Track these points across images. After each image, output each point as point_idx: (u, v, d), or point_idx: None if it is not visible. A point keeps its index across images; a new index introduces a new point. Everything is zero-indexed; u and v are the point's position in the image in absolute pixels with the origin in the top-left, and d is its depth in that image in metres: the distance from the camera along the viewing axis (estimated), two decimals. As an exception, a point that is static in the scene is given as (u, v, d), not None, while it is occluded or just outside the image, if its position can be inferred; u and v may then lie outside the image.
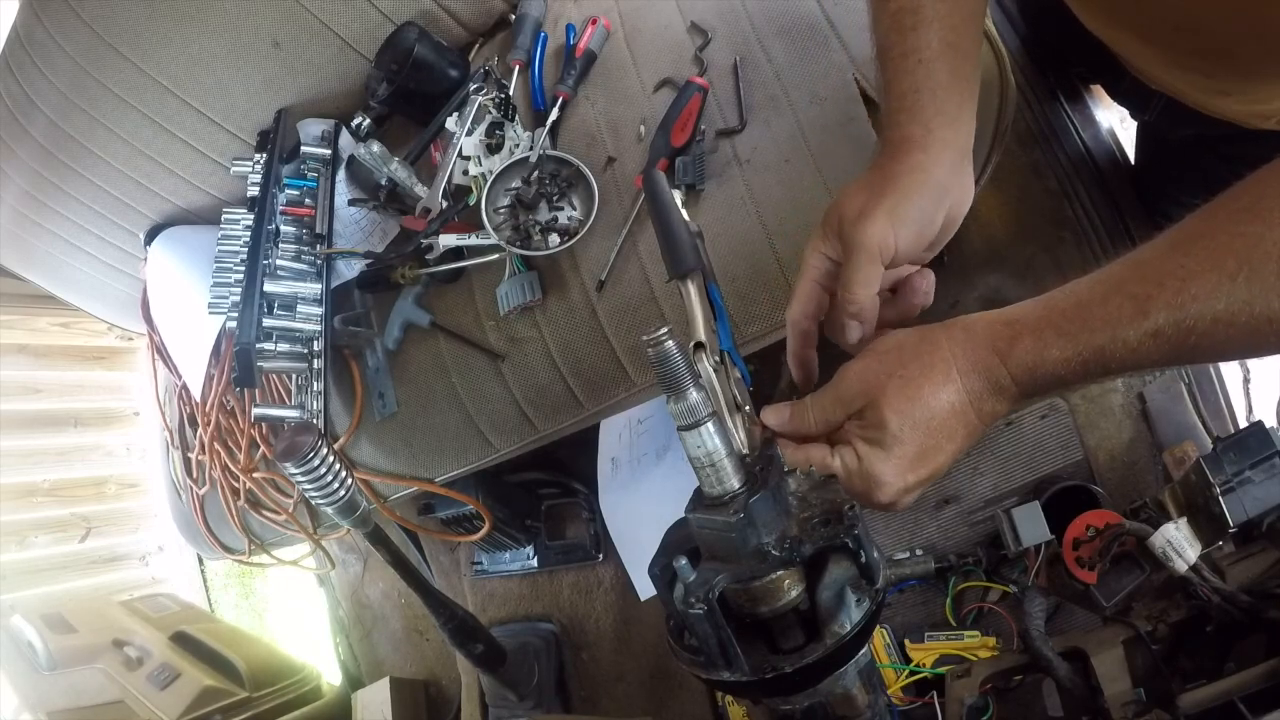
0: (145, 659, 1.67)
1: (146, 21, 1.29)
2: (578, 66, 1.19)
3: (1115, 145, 1.24)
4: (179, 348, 1.55)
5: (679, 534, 0.62)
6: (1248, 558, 0.82)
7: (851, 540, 0.56)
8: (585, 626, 1.59)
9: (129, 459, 2.58)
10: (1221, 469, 0.78)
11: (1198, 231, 0.48)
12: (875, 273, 0.59)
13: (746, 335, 1.05)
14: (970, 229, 1.27)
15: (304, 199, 1.37)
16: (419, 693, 1.87)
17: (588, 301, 1.14)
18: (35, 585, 2.26)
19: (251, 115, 1.41)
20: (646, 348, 0.55)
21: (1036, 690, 0.98)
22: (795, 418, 0.62)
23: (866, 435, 0.57)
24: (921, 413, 0.55)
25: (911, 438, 0.55)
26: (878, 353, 0.58)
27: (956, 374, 0.55)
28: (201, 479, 1.60)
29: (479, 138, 1.20)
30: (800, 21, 1.05)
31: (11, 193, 1.58)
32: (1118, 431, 1.17)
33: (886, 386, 0.55)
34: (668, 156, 1.08)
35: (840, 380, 0.59)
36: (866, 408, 0.56)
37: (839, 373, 0.59)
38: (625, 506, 1.51)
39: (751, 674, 0.57)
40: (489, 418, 1.24)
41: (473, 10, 1.33)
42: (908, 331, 0.58)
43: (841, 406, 0.58)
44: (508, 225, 1.17)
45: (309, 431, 0.96)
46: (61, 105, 1.40)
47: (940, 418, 0.55)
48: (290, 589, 2.68)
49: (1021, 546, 0.99)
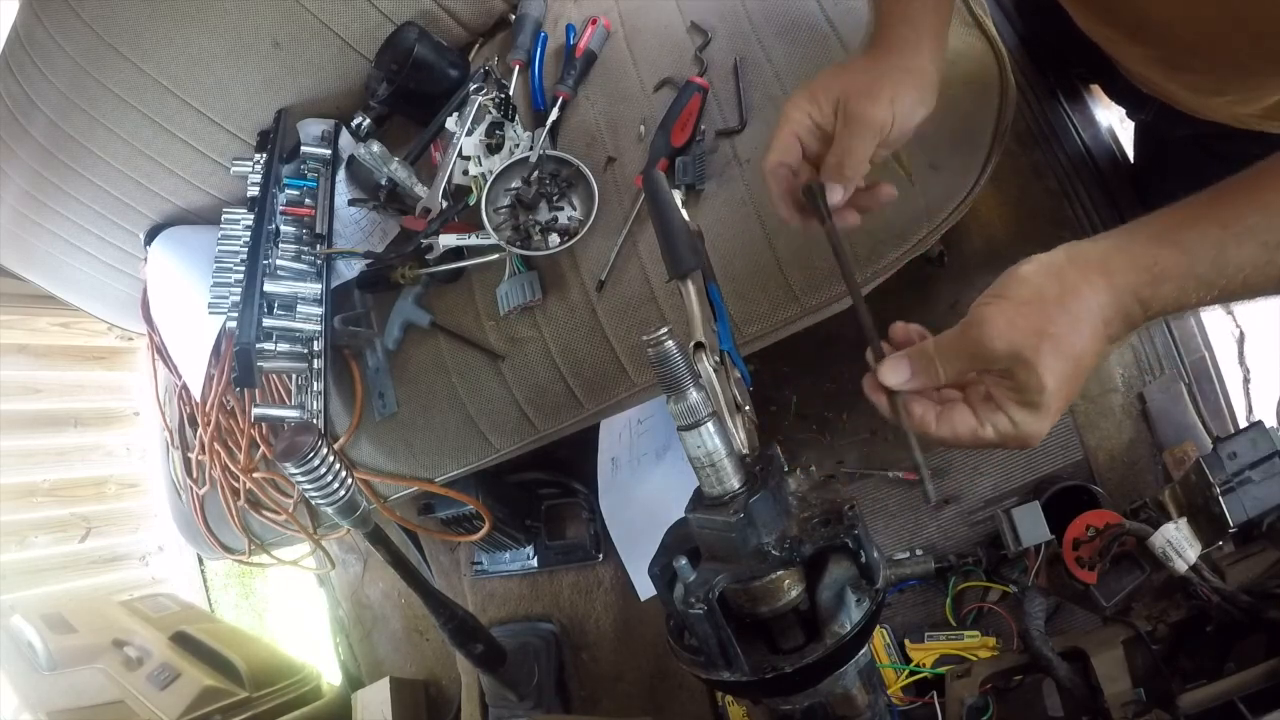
0: (145, 659, 1.67)
1: (146, 21, 1.29)
2: (578, 66, 1.19)
3: (1115, 145, 1.25)
4: (179, 348, 1.55)
5: (679, 534, 0.62)
6: (1248, 558, 0.82)
7: (851, 540, 0.56)
8: (585, 626, 1.59)
9: (129, 459, 2.58)
10: (1221, 469, 0.78)
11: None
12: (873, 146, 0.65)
13: (746, 335, 1.05)
14: (970, 229, 1.28)
15: (304, 199, 1.37)
16: (419, 693, 1.87)
17: (588, 301, 1.14)
18: (35, 585, 2.26)
19: (251, 115, 1.40)
20: (646, 348, 0.55)
21: (1036, 690, 0.98)
22: (921, 374, 0.57)
23: (1022, 399, 0.54)
24: (1073, 368, 0.53)
25: (1064, 393, 0.54)
26: (1016, 302, 0.54)
27: (1103, 324, 0.54)
28: (201, 479, 1.60)
29: (479, 138, 1.20)
30: (800, 21, 1.05)
31: (11, 193, 1.58)
32: (1118, 431, 1.17)
33: (1040, 347, 0.52)
34: (668, 156, 1.08)
35: (983, 337, 0.54)
36: (1017, 368, 0.53)
37: (978, 326, 0.54)
38: (625, 506, 1.51)
39: (751, 674, 0.57)
40: (489, 418, 1.24)
41: (473, 10, 1.33)
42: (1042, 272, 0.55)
43: (981, 362, 0.55)
44: (508, 225, 1.17)
45: (309, 431, 0.96)
46: (61, 105, 1.40)
47: (1087, 367, 0.55)
48: (290, 589, 2.67)
49: (1021, 546, 0.99)
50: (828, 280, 1.00)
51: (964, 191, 0.92)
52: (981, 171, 0.91)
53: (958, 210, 0.93)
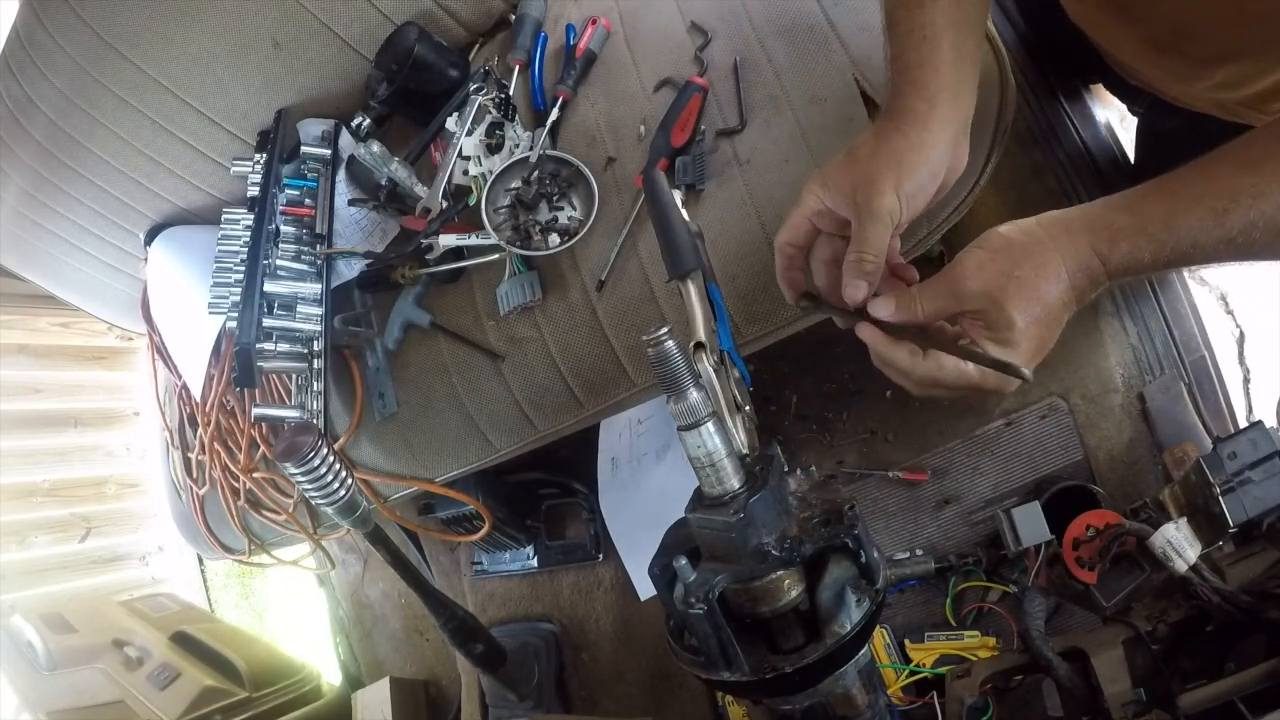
0: (145, 659, 1.67)
1: (147, 21, 1.29)
2: (578, 66, 1.19)
3: (1115, 145, 1.24)
4: (179, 348, 1.55)
5: (679, 534, 0.62)
6: (1248, 558, 0.82)
7: (851, 540, 0.56)
8: (585, 626, 1.59)
9: (129, 459, 2.58)
10: (1221, 469, 0.78)
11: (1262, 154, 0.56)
12: (887, 237, 0.66)
13: (746, 335, 1.05)
14: (970, 229, 1.27)
15: (304, 199, 1.36)
16: (419, 693, 1.87)
17: (588, 301, 1.14)
18: (35, 585, 2.26)
19: (251, 115, 1.40)
20: (646, 348, 0.55)
21: (1036, 690, 0.98)
22: (903, 309, 0.64)
23: (995, 336, 0.61)
24: (1040, 310, 0.60)
25: (1033, 333, 0.61)
26: (990, 250, 0.61)
27: (1065, 273, 0.60)
28: (201, 479, 1.60)
29: (479, 138, 1.20)
30: (800, 21, 1.05)
31: (11, 193, 1.58)
32: (1118, 431, 1.17)
33: (1007, 287, 0.59)
34: (668, 156, 1.08)
35: (957, 277, 0.61)
36: (988, 307, 0.60)
37: (953, 269, 0.62)
38: (625, 506, 1.51)
39: (751, 674, 0.57)
40: (489, 418, 1.24)
41: (473, 10, 1.33)
42: (1015, 228, 0.62)
43: (956, 301, 0.62)
44: (508, 225, 1.17)
45: (309, 431, 0.96)
46: (61, 105, 1.40)
47: (1054, 312, 0.61)
48: (290, 589, 2.68)
49: (1021, 546, 0.99)
50: (828, 280, 1.00)
51: (964, 192, 0.91)
52: (981, 172, 0.91)
53: (958, 210, 0.93)
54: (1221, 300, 1.51)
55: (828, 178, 0.68)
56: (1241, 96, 0.77)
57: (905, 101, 0.68)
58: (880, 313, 0.65)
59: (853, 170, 0.67)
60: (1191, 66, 0.76)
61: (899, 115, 0.68)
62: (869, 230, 0.66)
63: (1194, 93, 0.82)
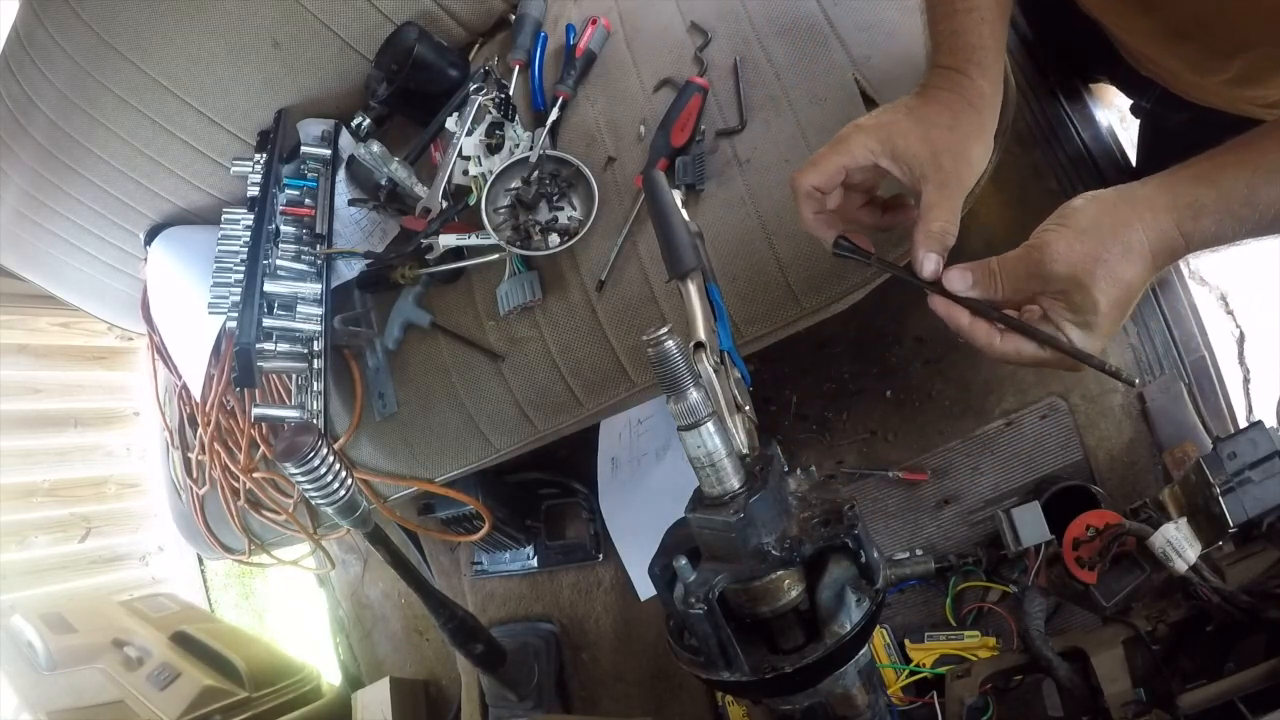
0: (145, 659, 1.67)
1: (146, 21, 1.29)
2: (578, 66, 1.19)
3: (1115, 145, 1.25)
4: (179, 348, 1.55)
5: (679, 534, 0.62)
6: (1248, 558, 0.82)
7: (851, 540, 0.56)
8: (585, 626, 1.59)
9: (129, 459, 2.58)
10: (1221, 469, 0.78)
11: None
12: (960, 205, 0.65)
13: (746, 335, 1.05)
14: (970, 229, 1.27)
15: (304, 199, 1.36)
16: (419, 693, 1.87)
17: (588, 301, 1.14)
18: (35, 585, 2.26)
19: (251, 115, 1.40)
20: (646, 348, 0.55)
21: (1036, 690, 0.98)
22: (982, 283, 0.62)
23: (1077, 319, 0.60)
24: (1124, 293, 0.59)
25: (1115, 315, 0.60)
26: (1076, 230, 0.59)
27: (1150, 253, 0.59)
28: (201, 479, 1.60)
29: (479, 138, 1.20)
30: (800, 21, 1.05)
31: (11, 193, 1.58)
32: (1118, 431, 1.17)
33: (1095, 272, 0.58)
34: (668, 156, 1.08)
35: (1043, 257, 0.59)
36: (1074, 290, 0.59)
37: (1037, 247, 0.60)
38: (625, 506, 1.51)
39: (751, 674, 0.57)
40: (489, 418, 1.24)
41: (473, 10, 1.33)
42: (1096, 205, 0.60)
43: (1042, 283, 0.60)
44: (508, 225, 1.17)
45: (309, 431, 0.96)
46: (61, 105, 1.40)
47: (1134, 292, 0.60)
48: (290, 589, 2.67)
49: (1021, 546, 0.99)
50: (828, 281, 1.00)
51: (964, 191, 0.91)
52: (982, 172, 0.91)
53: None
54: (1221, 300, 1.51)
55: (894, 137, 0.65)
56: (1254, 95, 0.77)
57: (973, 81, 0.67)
58: (956, 286, 0.62)
59: (931, 136, 0.65)
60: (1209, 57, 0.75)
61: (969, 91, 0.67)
62: (954, 200, 0.64)
63: (1207, 85, 0.82)
